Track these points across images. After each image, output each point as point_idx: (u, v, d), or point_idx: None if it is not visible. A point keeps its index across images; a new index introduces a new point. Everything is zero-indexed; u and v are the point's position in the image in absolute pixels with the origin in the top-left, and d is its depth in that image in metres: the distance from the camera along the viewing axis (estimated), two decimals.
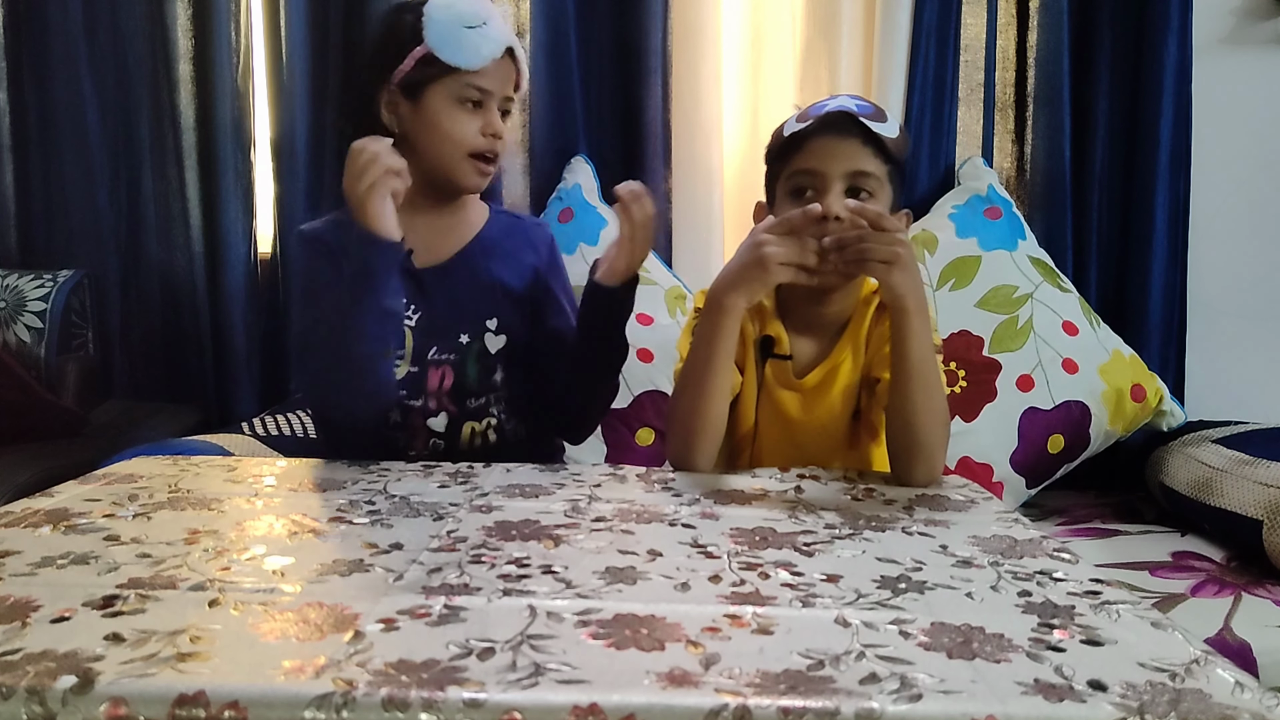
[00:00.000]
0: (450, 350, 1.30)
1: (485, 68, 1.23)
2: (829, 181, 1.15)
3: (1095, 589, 0.73)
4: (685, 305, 1.84)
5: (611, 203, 1.34)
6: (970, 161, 1.95)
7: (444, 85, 1.23)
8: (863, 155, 1.15)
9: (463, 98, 1.24)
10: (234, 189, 2.00)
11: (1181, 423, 1.80)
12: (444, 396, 1.29)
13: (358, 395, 1.20)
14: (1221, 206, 1.99)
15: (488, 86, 1.25)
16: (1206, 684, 0.56)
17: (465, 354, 1.30)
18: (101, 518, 0.88)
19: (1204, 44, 1.93)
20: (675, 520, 0.90)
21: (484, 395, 1.33)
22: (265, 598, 0.68)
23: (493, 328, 1.32)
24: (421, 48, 1.22)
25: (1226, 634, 1.19)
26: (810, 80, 1.98)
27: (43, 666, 0.55)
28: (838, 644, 0.61)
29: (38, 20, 2.01)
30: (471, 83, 1.23)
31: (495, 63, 1.25)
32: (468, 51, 1.22)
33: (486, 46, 1.23)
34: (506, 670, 0.56)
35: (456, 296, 1.31)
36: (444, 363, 1.29)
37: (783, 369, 1.24)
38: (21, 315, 1.91)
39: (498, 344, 1.33)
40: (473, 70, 1.23)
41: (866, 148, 1.15)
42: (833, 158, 1.15)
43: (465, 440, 1.31)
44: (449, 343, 1.29)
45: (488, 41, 1.23)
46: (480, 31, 1.23)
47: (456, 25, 1.22)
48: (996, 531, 0.89)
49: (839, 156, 1.15)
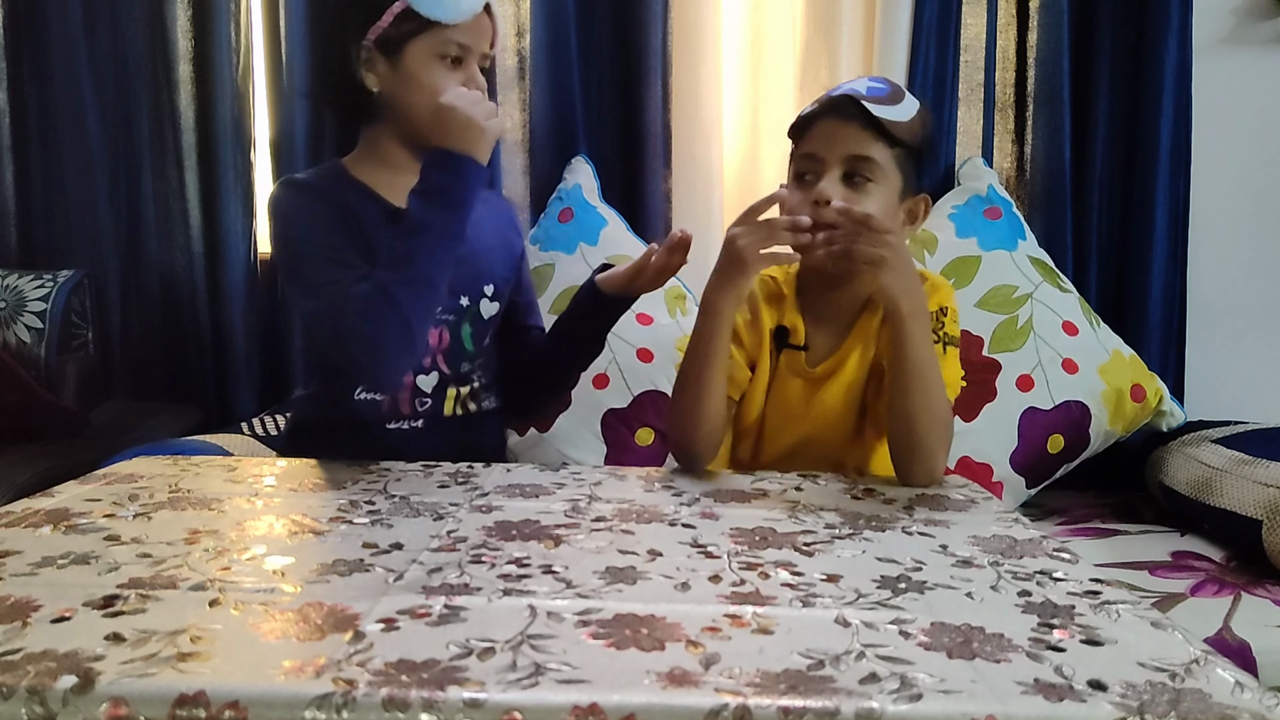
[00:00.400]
0: (450, 311, 1.30)
1: (464, 22, 1.22)
2: (827, 166, 1.15)
3: (1095, 589, 0.73)
4: (685, 305, 1.84)
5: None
6: (970, 162, 1.95)
7: (423, 41, 1.22)
8: (863, 139, 1.14)
9: (443, 54, 1.23)
10: (234, 189, 2.00)
11: (1181, 423, 1.80)
12: (439, 355, 1.29)
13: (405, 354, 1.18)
14: (1221, 206, 1.99)
15: (467, 42, 1.24)
16: (1206, 684, 0.56)
17: (462, 316, 1.31)
18: (102, 518, 0.88)
19: (1204, 44, 1.92)
20: (675, 520, 0.90)
21: (473, 360, 1.34)
22: (266, 597, 0.68)
23: (489, 293, 1.34)
24: (400, 3, 1.20)
25: (1226, 634, 1.19)
26: (810, 80, 1.98)
27: (43, 666, 0.56)
28: (838, 644, 0.61)
29: (38, 20, 2.01)
30: (451, 38, 1.22)
31: (475, 17, 1.24)
32: (448, 5, 1.21)
33: (466, 0, 1.22)
34: (507, 670, 0.56)
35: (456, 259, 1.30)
36: (442, 322, 1.29)
37: (795, 358, 1.25)
38: (21, 315, 1.91)
39: (491, 310, 1.34)
40: (453, 25, 1.21)
41: (867, 131, 1.14)
42: (832, 142, 1.16)
43: (450, 403, 1.31)
44: (450, 303, 1.29)
45: None
46: None
47: None
48: (996, 531, 0.89)
49: (838, 141, 1.15)
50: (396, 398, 1.28)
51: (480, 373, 1.36)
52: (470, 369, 1.34)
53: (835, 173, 1.15)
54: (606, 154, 2.00)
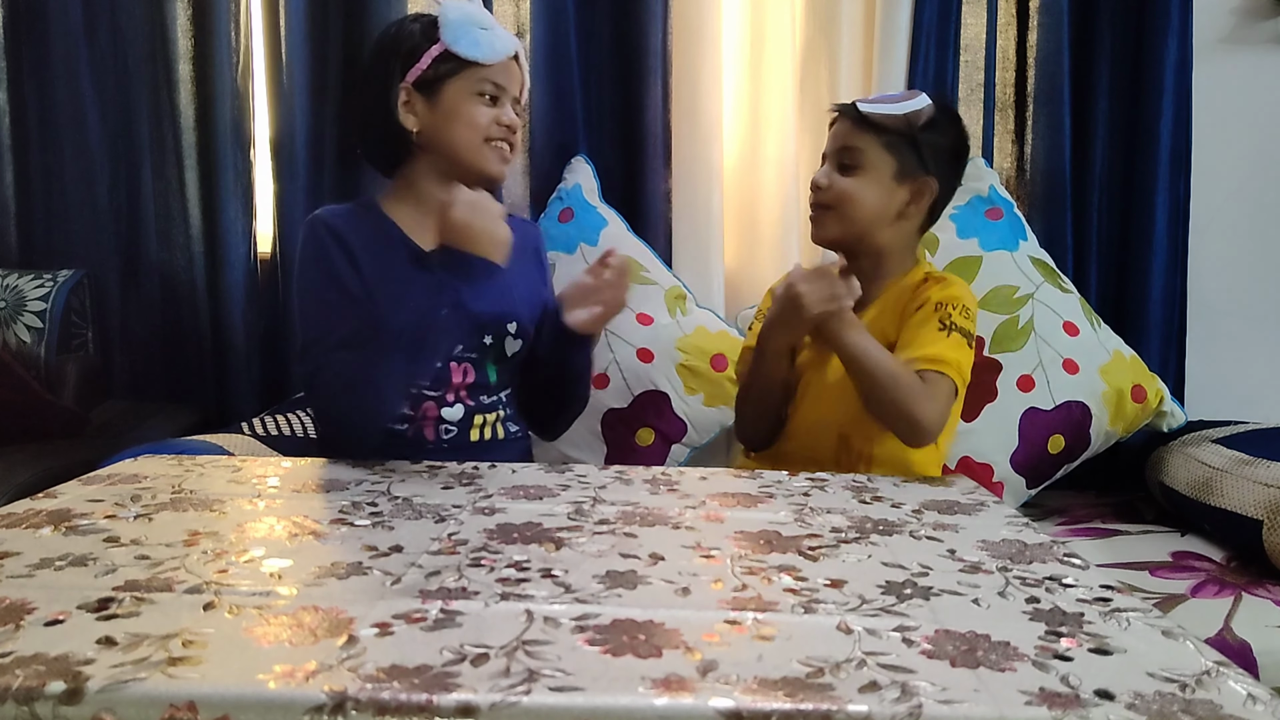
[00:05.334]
0: (474, 350, 1.34)
1: (499, 64, 1.31)
2: (826, 159, 1.38)
3: (1105, 595, 0.72)
4: (685, 305, 1.84)
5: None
6: (971, 162, 1.94)
7: (461, 80, 1.31)
8: (851, 132, 1.34)
9: (479, 91, 1.31)
10: (234, 189, 1.99)
11: (1182, 423, 1.80)
12: (463, 390, 1.34)
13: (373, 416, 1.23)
14: (1221, 206, 1.99)
15: (501, 82, 1.32)
16: (1217, 695, 0.55)
17: (486, 354, 1.36)
18: (103, 519, 0.88)
19: (1204, 44, 1.92)
20: (679, 523, 0.90)
21: (498, 392, 1.38)
22: (261, 601, 0.67)
23: (512, 331, 1.37)
24: (438, 46, 1.30)
25: (1226, 634, 1.19)
26: (810, 80, 1.97)
27: (32, 670, 0.55)
28: (839, 651, 0.60)
29: (38, 20, 2.00)
30: (487, 77, 1.31)
31: (507, 60, 1.33)
32: (484, 47, 1.30)
33: (500, 43, 1.32)
34: (499, 676, 0.56)
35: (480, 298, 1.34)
36: (466, 359, 1.34)
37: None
38: (21, 315, 1.91)
39: (514, 347, 1.38)
40: (489, 65, 1.30)
41: (855, 125, 1.33)
42: (831, 138, 1.38)
43: (476, 430, 1.35)
44: (474, 341, 1.34)
45: (500, 39, 1.32)
46: (492, 32, 1.32)
47: (471, 25, 1.30)
48: (1006, 536, 0.88)
49: (835, 136, 1.37)
50: (421, 427, 1.32)
51: (505, 402, 1.40)
52: (494, 399, 1.38)
53: (829, 164, 1.36)
54: (606, 154, 2.00)
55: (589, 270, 1.41)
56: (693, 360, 1.78)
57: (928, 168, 1.34)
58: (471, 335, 1.33)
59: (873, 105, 1.33)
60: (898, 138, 1.32)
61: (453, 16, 1.30)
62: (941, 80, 1.92)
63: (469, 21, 1.30)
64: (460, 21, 1.30)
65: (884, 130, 1.32)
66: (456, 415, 1.33)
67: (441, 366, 1.32)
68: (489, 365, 1.36)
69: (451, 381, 1.33)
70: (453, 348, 1.32)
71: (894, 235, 1.36)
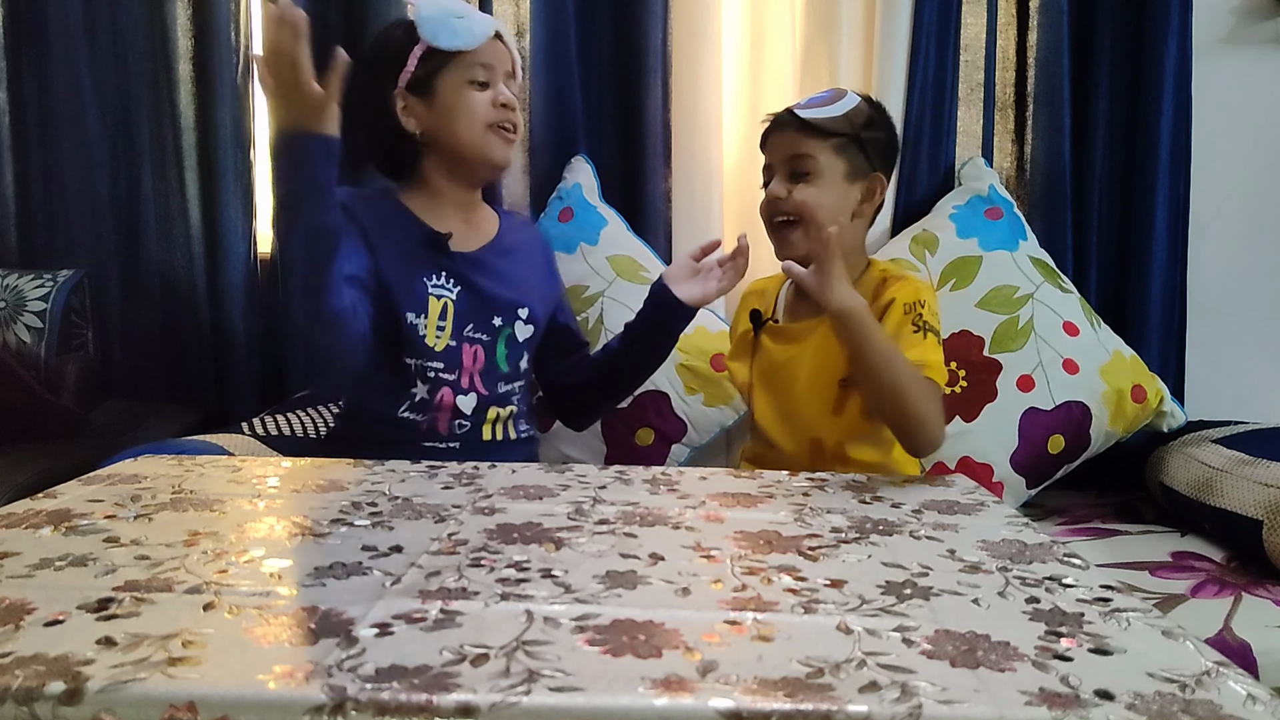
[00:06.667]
0: (484, 331, 1.37)
1: (483, 45, 1.33)
2: (775, 170, 1.35)
3: (1106, 595, 0.72)
4: None
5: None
6: (971, 162, 1.94)
7: (451, 72, 1.33)
8: (797, 140, 1.32)
9: (470, 79, 1.33)
10: (234, 189, 1.99)
11: (1182, 423, 1.80)
12: (475, 375, 1.36)
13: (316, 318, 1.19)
14: (1221, 206, 1.99)
15: (489, 62, 1.35)
16: (1217, 695, 0.55)
17: (497, 337, 1.38)
18: (103, 519, 0.88)
19: (1204, 44, 1.92)
20: (679, 523, 0.90)
21: (511, 382, 1.40)
22: (261, 601, 0.67)
23: (524, 316, 1.41)
24: (420, 45, 1.31)
25: (1226, 634, 1.19)
26: (810, 80, 1.97)
27: (31, 670, 0.55)
28: (838, 651, 0.61)
29: (38, 20, 2.00)
30: (474, 61, 1.33)
31: (490, 41, 1.35)
32: (464, 34, 1.32)
33: (478, 26, 1.34)
34: (499, 676, 0.56)
35: (491, 282, 1.38)
36: (478, 341, 1.36)
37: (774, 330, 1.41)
38: (21, 315, 1.91)
39: (526, 332, 1.41)
40: (473, 50, 1.32)
41: (800, 133, 1.32)
42: (775, 149, 1.35)
43: (489, 426, 1.37)
44: (484, 323, 1.37)
45: (478, 23, 1.34)
46: (469, 18, 1.34)
47: (447, 16, 1.32)
48: (1006, 536, 0.88)
49: (779, 147, 1.34)
50: (435, 418, 1.33)
51: (518, 396, 1.42)
52: (508, 390, 1.39)
53: (781, 173, 1.33)
54: (606, 154, 2.00)
55: (694, 254, 1.45)
56: (693, 360, 1.78)
57: (874, 165, 1.35)
58: (480, 314, 1.36)
59: (812, 110, 1.32)
60: (844, 139, 1.32)
61: (427, 13, 1.32)
62: (941, 80, 1.92)
63: (444, 14, 1.32)
64: (435, 16, 1.32)
65: (830, 134, 1.31)
66: (470, 405, 1.35)
67: (455, 345, 1.34)
68: (500, 349, 1.38)
69: (463, 363, 1.34)
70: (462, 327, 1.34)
71: (850, 237, 1.35)
